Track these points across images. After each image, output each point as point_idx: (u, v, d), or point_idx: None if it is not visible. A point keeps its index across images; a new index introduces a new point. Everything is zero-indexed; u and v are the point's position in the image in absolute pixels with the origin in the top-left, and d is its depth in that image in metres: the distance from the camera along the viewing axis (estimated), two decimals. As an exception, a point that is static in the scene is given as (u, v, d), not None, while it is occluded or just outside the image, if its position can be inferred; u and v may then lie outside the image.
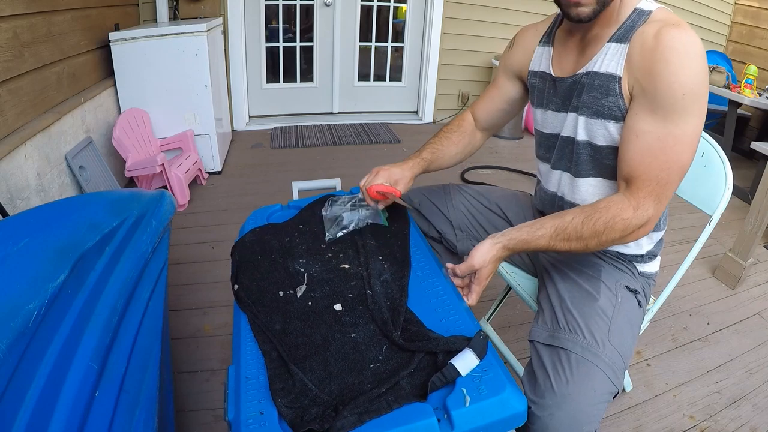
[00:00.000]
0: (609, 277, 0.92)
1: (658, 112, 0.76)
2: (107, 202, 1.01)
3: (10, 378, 0.58)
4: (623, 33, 0.81)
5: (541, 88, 0.97)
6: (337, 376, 0.65)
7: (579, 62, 0.88)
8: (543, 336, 0.84)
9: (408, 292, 0.81)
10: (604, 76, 0.83)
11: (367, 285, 0.81)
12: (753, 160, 3.33)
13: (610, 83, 0.82)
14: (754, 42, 3.89)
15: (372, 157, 3.06)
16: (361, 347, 0.69)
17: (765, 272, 2.05)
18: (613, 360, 0.78)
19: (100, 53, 2.36)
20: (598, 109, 0.84)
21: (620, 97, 0.81)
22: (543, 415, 0.75)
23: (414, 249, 0.93)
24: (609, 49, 0.82)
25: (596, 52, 0.84)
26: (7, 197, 1.51)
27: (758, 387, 1.43)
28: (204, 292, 1.70)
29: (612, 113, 0.83)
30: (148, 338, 0.87)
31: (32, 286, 0.67)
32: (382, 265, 0.86)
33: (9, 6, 1.62)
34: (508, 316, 1.65)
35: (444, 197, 1.16)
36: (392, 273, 0.85)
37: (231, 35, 3.22)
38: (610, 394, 0.77)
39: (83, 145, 2.07)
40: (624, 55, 0.80)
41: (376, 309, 0.76)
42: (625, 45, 0.80)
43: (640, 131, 0.78)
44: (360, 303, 0.78)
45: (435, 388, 0.61)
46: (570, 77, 0.89)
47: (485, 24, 3.62)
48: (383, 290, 0.80)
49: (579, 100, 0.87)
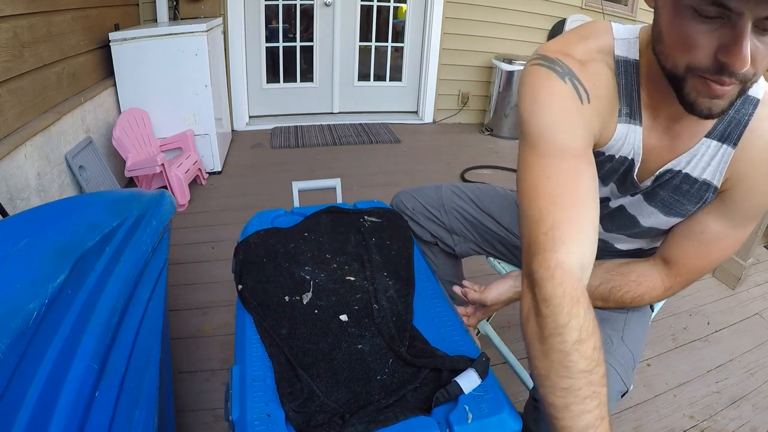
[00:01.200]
0: None
1: (735, 219, 0.68)
2: (107, 202, 1.01)
3: (10, 378, 0.58)
4: (727, 129, 0.63)
5: (613, 170, 0.73)
6: (345, 385, 0.65)
7: (664, 155, 0.69)
8: None
9: (413, 310, 0.81)
10: (697, 183, 0.67)
11: (373, 299, 0.82)
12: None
13: (703, 192, 0.68)
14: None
15: (372, 157, 3.06)
16: (367, 359, 0.70)
17: (765, 272, 2.05)
18: (625, 359, 0.77)
19: (100, 53, 2.36)
20: (677, 211, 0.72)
21: (707, 203, 0.69)
22: None
23: (417, 269, 0.94)
24: (709, 149, 0.65)
25: (690, 146, 0.66)
26: (7, 197, 1.51)
27: (758, 387, 1.43)
28: (204, 292, 1.70)
29: (687, 213, 0.72)
30: (148, 338, 0.87)
31: (32, 286, 0.67)
32: (387, 282, 0.86)
33: (9, 6, 1.62)
34: (508, 316, 1.65)
35: (437, 201, 1.11)
36: (397, 290, 0.85)
37: (231, 35, 3.22)
38: (619, 393, 0.76)
39: (83, 145, 2.07)
40: (728, 160, 0.64)
41: (383, 323, 0.76)
42: (730, 148, 0.64)
43: (707, 229, 0.70)
44: (366, 316, 0.78)
45: (439, 404, 0.62)
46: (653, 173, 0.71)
47: (485, 24, 3.62)
48: (389, 306, 0.80)
49: (655, 193, 0.72)
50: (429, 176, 2.78)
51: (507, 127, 3.61)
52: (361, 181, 2.66)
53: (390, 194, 1.19)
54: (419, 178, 2.70)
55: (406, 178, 2.76)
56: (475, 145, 3.44)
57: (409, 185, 1.21)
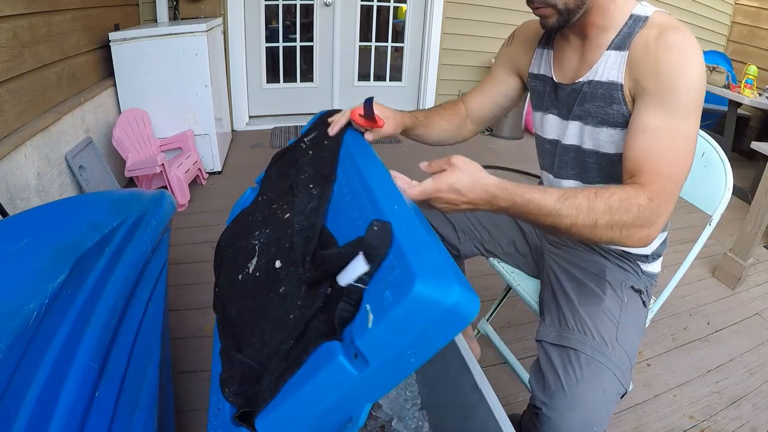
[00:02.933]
0: (614, 277, 0.92)
1: (665, 108, 0.75)
2: (107, 202, 1.01)
3: (10, 378, 0.58)
4: (621, 40, 0.81)
5: (541, 91, 0.97)
6: (269, 342, 0.56)
7: (579, 70, 0.88)
8: (551, 336, 0.84)
9: (328, 209, 0.67)
10: (606, 85, 0.83)
11: (296, 225, 0.69)
12: (753, 160, 3.32)
13: (613, 91, 0.82)
14: (754, 42, 3.89)
15: (372, 157, 3.06)
16: (287, 300, 0.58)
17: (765, 272, 2.05)
18: (621, 360, 0.78)
19: (100, 53, 2.35)
20: (603, 118, 0.84)
21: (624, 104, 0.81)
22: (554, 416, 0.75)
23: (348, 156, 0.78)
24: (609, 57, 0.82)
25: (596, 60, 0.84)
26: (7, 197, 1.51)
27: (758, 387, 1.43)
28: (204, 292, 1.70)
29: (617, 120, 0.83)
30: (148, 338, 0.87)
31: (32, 286, 0.67)
32: (311, 193, 0.73)
33: (9, 6, 1.62)
34: (508, 316, 1.65)
35: None
36: (318, 197, 0.71)
37: (231, 35, 3.22)
38: (618, 395, 0.77)
39: (83, 145, 2.07)
40: (624, 62, 0.80)
41: (297, 248, 0.63)
42: (625, 52, 0.80)
43: (648, 126, 0.75)
44: (292, 249, 0.65)
45: (344, 320, 0.48)
46: (570, 84, 0.89)
47: (485, 24, 3.62)
48: (307, 222, 0.67)
49: (582, 108, 0.87)
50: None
51: (507, 128, 3.61)
52: (361, 181, 2.66)
53: (390, 194, 1.19)
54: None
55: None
56: (474, 145, 3.44)
57: (409, 185, 1.21)
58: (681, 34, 0.74)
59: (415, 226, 0.51)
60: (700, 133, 1.08)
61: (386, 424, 1.05)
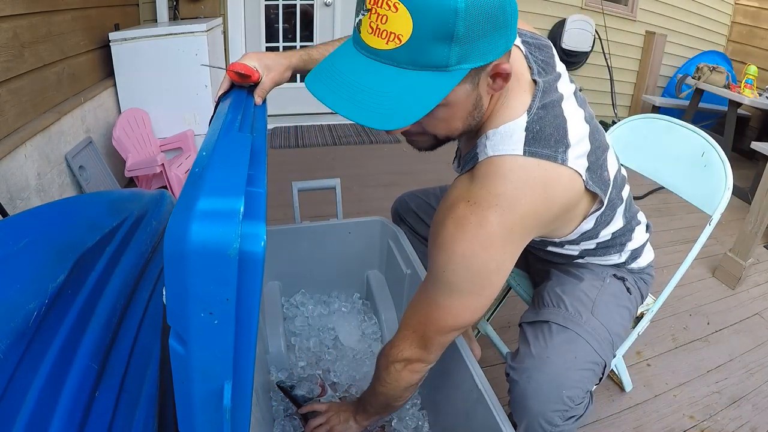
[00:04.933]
0: (597, 268, 0.92)
1: (428, 280, 0.75)
2: (107, 202, 1.01)
3: (10, 378, 0.58)
4: (467, 156, 0.74)
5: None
6: None
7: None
8: (530, 317, 0.85)
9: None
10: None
11: None
12: (753, 160, 3.33)
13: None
14: (754, 42, 3.89)
15: (372, 158, 3.06)
16: None
17: (765, 272, 2.05)
18: (597, 330, 0.77)
19: (100, 53, 2.35)
20: None
21: None
22: (521, 379, 0.74)
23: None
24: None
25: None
26: (7, 197, 1.51)
27: (758, 387, 1.43)
28: (204, 292, 1.69)
29: None
30: (148, 338, 0.87)
31: (32, 286, 0.67)
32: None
33: (9, 6, 1.62)
34: (508, 316, 1.65)
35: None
36: None
37: (231, 35, 3.22)
38: (595, 365, 0.76)
39: (83, 145, 2.07)
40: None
41: None
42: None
43: (420, 288, 0.78)
44: None
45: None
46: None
47: (485, 24, 3.61)
48: None
49: None
50: (429, 176, 2.77)
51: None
52: (361, 181, 2.66)
53: (390, 194, 1.19)
54: (419, 178, 2.69)
55: (406, 178, 2.75)
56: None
57: (410, 185, 1.21)
58: (469, 213, 0.65)
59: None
60: (701, 133, 1.08)
61: (386, 424, 1.05)
